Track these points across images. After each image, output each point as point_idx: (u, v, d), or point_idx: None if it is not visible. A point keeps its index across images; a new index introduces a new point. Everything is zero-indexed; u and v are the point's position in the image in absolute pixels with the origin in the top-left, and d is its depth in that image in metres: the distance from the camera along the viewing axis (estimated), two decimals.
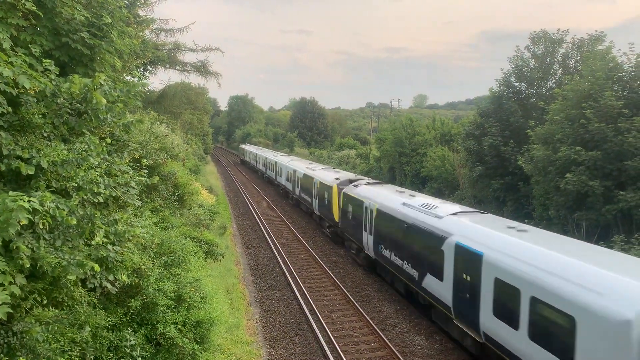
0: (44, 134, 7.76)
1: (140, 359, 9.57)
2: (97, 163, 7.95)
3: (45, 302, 7.21)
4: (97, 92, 7.87)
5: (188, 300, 11.25)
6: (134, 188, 8.96)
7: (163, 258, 12.32)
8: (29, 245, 6.31)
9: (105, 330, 9.28)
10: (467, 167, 33.06)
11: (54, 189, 7.31)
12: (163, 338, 10.17)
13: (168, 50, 31.73)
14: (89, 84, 7.80)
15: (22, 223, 5.78)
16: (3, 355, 6.72)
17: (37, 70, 7.54)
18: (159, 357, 10.09)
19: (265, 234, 30.48)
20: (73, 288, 7.88)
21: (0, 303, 5.74)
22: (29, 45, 8.04)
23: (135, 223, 8.95)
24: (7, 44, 7.12)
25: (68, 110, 7.97)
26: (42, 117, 7.72)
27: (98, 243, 7.28)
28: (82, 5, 9.19)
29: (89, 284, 7.70)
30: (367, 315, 17.43)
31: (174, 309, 10.91)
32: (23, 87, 6.74)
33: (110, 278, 7.86)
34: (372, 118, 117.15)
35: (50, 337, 7.71)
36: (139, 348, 9.59)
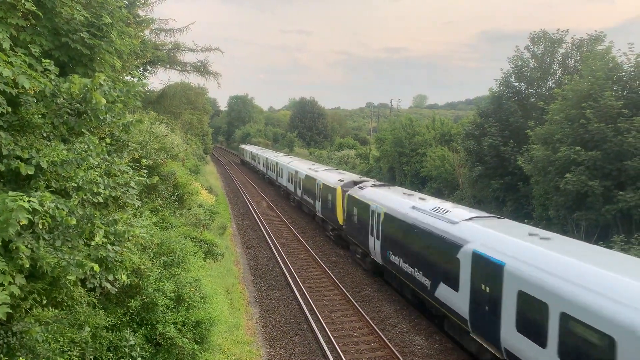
0: (44, 134, 7.76)
1: (140, 359, 9.56)
2: (96, 163, 7.95)
3: (45, 302, 7.21)
4: (96, 92, 7.87)
5: (188, 301, 11.25)
6: (134, 188, 8.96)
7: (163, 258, 12.31)
8: (29, 246, 6.31)
9: (105, 331, 9.27)
10: (466, 167, 33.05)
11: (54, 189, 7.30)
12: (163, 338, 10.17)
13: (168, 50, 31.74)
14: (89, 84, 7.80)
15: (21, 223, 5.78)
16: (3, 355, 6.72)
17: (36, 70, 7.54)
18: (159, 357, 10.08)
19: (265, 234, 30.48)
20: (73, 288, 7.88)
21: (0, 303, 5.73)
22: (29, 45, 8.04)
23: (135, 223, 8.95)
24: (6, 44, 7.12)
25: (68, 110, 7.97)
26: (41, 117, 7.72)
27: (98, 243, 7.29)
28: (81, 5, 9.19)
29: (89, 284, 7.71)
30: (366, 315, 17.43)
31: (174, 309, 10.90)
32: (23, 87, 6.74)
33: (110, 278, 7.86)
34: (371, 118, 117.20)
35: (50, 337, 7.71)
36: (139, 348, 9.59)
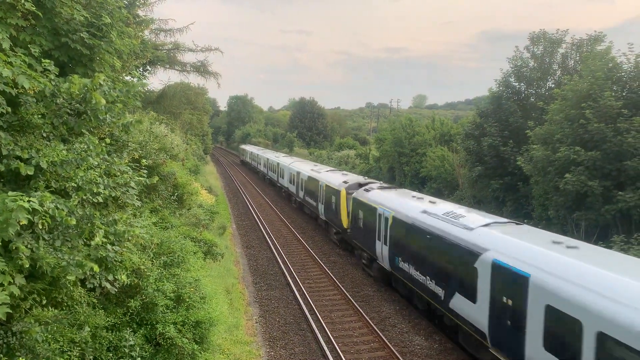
0: (44, 134, 7.76)
1: (140, 359, 9.57)
2: (96, 163, 7.96)
3: (45, 302, 7.21)
4: (96, 92, 7.88)
5: (187, 301, 11.25)
6: (134, 188, 8.97)
7: (162, 258, 12.31)
8: (29, 246, 6.32)
9: (105, 331, 9.27)
10: (466, 167, 33.06)
11: (54, 189, 7.31)
12: (162, 338, 10.17)
13: (167, 51, 31.73)
14: (89, 84, 7.81)
15: (21, 223, 5.78)
16: (2, 356, 6.72)
17: (36, 71, 7.54)
18: (158, 357, 10.08)
19: (265, 234, 30.48)
20: (72, 288, 7.89)
21: (0, 303, 5.74)
22: (29, 46, 8.04)
23: (135, 223, 8.96)
24: (6, 44, 7.12)
25: (67, 111, 7.97)
26: (41, 117, 7.73)
27: (98, 243, 7.29)
28: (81, 6, 9.19)
29: (89, 284, 7.71)
30: (366, 315, 17.43)
31: (174, 309, 10.90)
32: (22, 87, 6.75)
33: (110, 278, 7.87)
34: (371, 118, 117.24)
35: (50, 337, 7.71)
36: (139, 348, 9.58)
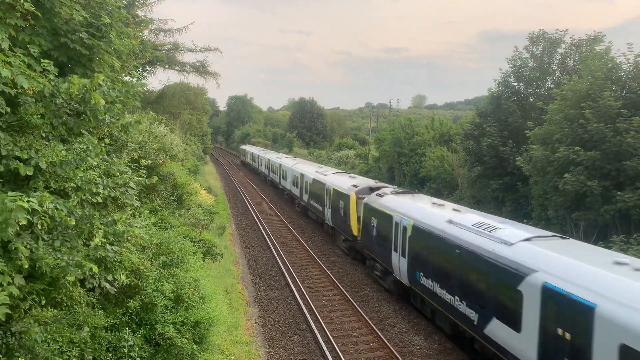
0: (43, 135, 7.76)
1: (139, 359, 9.56)
2: (95, 163, 7.96)
3: (44, 302, 7.21)
4: (95, 92, 7.87)
5: (187, 301, 11.24)
6: (133, 188, 8.97)
7: (162, 258, 12.30)
8: (28, 246, 6.31)
9: (104, 331, 9.26)
10: (465, 167, 33.09)
11: (53, 190, 7.31)
12: (162, 338, 10.16)
13: (167, 51, 31.72)
14: (88, 85, 7.81)
15: (21, 223, 5.78)
16: (2, 356, 6.72)
17: (35, 71, 7.54)
18: (158, 357, 10.07)
19: (264, 234, 30.48)
20: (72, 288, 7.88)
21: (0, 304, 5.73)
22: (28, 46, 8.04)
23: (134, 223, 8.96)
24: (5, 44, 7.12)
25: (67, 111, 7.97)
26: (40, 117, 7.72)
27: (97, 244, 7.29)
28: (80, 6, 9.19)
29: (88, 284, 7.72)
30: (366, 316, 17.44)
31: (173, 310, 10.89)
32: (22, 87, 6.74)
33: (109, 278, 7.87)
34: (371, 118, 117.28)
35: (49, 337, 7.70)
36: (138, 348, 9.57)
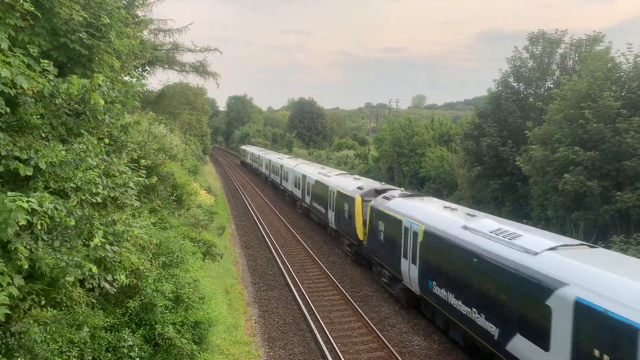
0: (42, 135, 7.76)
1: None
2: (95, 164, 7.96)
3: (44, 302, 7.21)
4: (95, 92, 7.87)
5: (186, 301, 11.25)
6: (132, 188, 8.97)
7: (161, 258, 12.31)
8: (27, 246, 6.31)
9: (104, 331, 9.27)
10: (465, 167, 33.12)
11: (52, 190, 7.31)
12: (161, 338, 10.16)
13: (166, 51, 31.73)
14: (87, 85, 7.81)
15: (20, 224, 5.78)
16: (1, 356, 6.71)
17: (35, 71, 7.54)
18: (157, 357, 10.08)
19: (264, 234, 30.48)
20: (71, 288, 7.88)
21: None
22: (27, 46, 8.03)
23: (134, 223, 8.96)
24: (5, 45, 7.12)
25: (66, 111, 7.97)
26: (40, 117, 7.72)
27: (97, 244, 7.29)
28: (80, 6, 9.19)
29: (88, 285, 7.71)
30: (365, 316, 17.44)
31: (173, 310, 10.90)
32: (21, 87, 6.74)
33: (109, 278, 7.87)
34: (370, 118, 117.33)
35: (49, 337, 7.71)
36: (137, 348, 9.58)
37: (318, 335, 15.62)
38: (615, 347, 8.71)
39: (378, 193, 22.72)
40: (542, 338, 10.40)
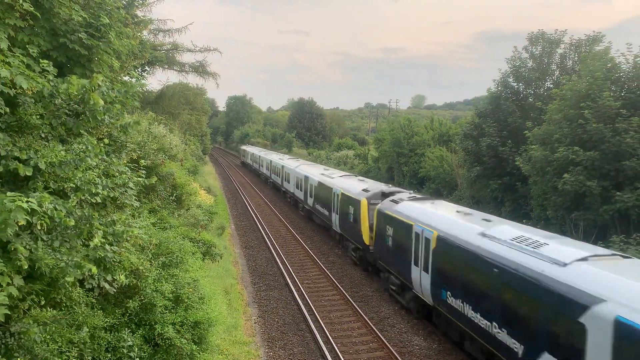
0: (42, 135, 7.76)
1: None
2: (95, 164, 7.95)
3: (43, 302, 7.21)
4: (94, 93, 7.87)
5: (186, 301, 11.25)
6: (132, 189, 8.96)
7: (161, 259, 12.31)
8: (27, 247, 6.31)
9: (103, 331, 9.27)
10: (465, 167, 33.13)
11: (52, 190, 7.30)
12: (161, 339, 10.17)
13: (166, 51, 31.72)
14: (87, 85, 7.80)
15: (20, 224, 5.77)
16: (1, 356, 6.71)
17: (34, 71, 7.54)
18: (157, 357, 10.08)
19: (264, 234, 30.48)
20: (71, 289, 7.88)
21: None
22: (27, 46, 8.03)
23: (133, 224, 8.96)
24: (4, 45, 7.11)
25: (66, 111, 7.97)
26: (39, 117, 7.72)
27: (96, 244, 7.29)
28: (79, 6, 9.18)
29: (87, 285, 7.71)
30: (365, 316, 17.44)
31: (172, 310, 10.90)
32: (21, 87, 6.74)
33: (109, 278, 7.87)
34: (370, 118, 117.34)
35: (48, 337, 7.71)
36: (137, 349, 9.58)
37: (318, 335, 15.62)
38: None
39: (385, 196, 21.88)
40: (574, 358, 9.39)
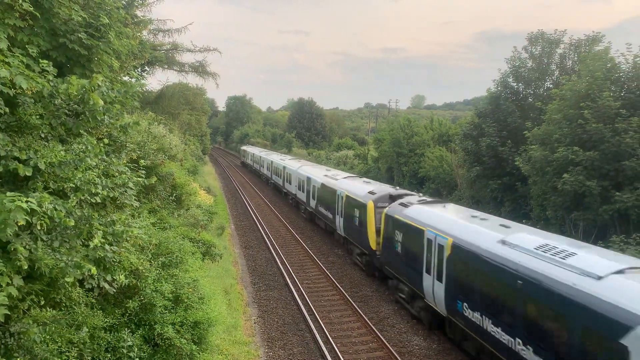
0: (42, 135, 7.75)
1: None
2: (94, 164, 7.95)
3: (43, 302, 7.21)
4: (94, 93, 7.87)
5: (186, 301, 11.25)
6: (132, 189, 8.96)
7: (161, 259, 12.31)
8: (27, 247, 6.31)
9: (103, 331, 9.27)
10: (464, 167, 33.14)
11: (52, 190, 7.30)
12: (161, 339, 10.16)
13: (166, 51, 31.72)
14: (87, 85, 7.80)
15: (19, 224, 5.77)
16: (1, 356, 6.71)
17: (34, 71, 7.53)
18: (157, 357, 10.08)
19: (263, 234, 30.48)
20: (71, 289, 7.88)
21: None
22: (26, 46, 8.02)
23: (133, 224, 8.96)
24: (4, 45, 7.11)
25: (65, 111, 7.97)
26: (39, 117, 7.72)
27: (96, 244, 7.29)
28: (79, 6, 9.18)
29: (87, 285, 7.71)
30: (365, 316, 17.44)
31: (172, 310, 10.90)
32: (20, 87, 6.73)
33: (108, 279, 7.87)
34: (370, 118, 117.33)
35: (48, 338, 7.71)
36: (137, 349, 9.58)
37: (317, 336, 15.62)
38: None
39: (393, 199, 20.99)
40: None
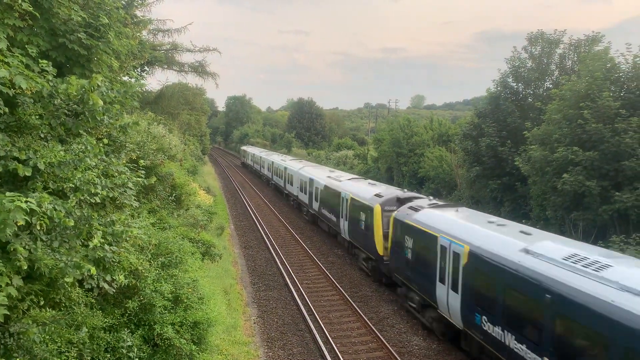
0: (41, 135, 7.74)
1: None
2: (94, 164, 7.94)
3: (43, 303, 7.20)
4: (94, 93, 7.86)
5: (185, 301, 11.25)
6: (131, 189, 8.95)
7: (160, 259, 12.30)
8: (26, 247, 6.30)
9: (103, 331, 9.26)
10: (464, 167, 33.14)
11: (51, 190, 7.30)
12: (160, 339, 10.16)
13: (166, 51, 31.71)
14: (86, 85, 7.79)
15: (19, 224, 5.77)
16: (0, 357, 6.71)
17: (34, 71, 7.53)
18: (156, 358, 10.08)
19: (263, 234, 30.47)
20: (70, 289, 7.87)
21: None
22: (26, 46, 8.02)
23: (133, 224, 8.95)
24: (3, 45, 7.10)
25: (65, 111, 7.96)
26: (39, 118, 7.71)
27: (96, 245, 7.28)
28: (79, 6, 9.18)
29: (87, 285, 7.70)
30: (364, 316, 17.44)
31: (172, 310, 10.90)
32: (20, 87, 6.73)
33: (108, 279, 7.86)
34: (369, 118, 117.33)
35: (47, 338, 7.70)
36: (136, 349, 9.57)
37: (317, 336, 15.62)
38: None
39: (401, 202, 20.12)
40: None
